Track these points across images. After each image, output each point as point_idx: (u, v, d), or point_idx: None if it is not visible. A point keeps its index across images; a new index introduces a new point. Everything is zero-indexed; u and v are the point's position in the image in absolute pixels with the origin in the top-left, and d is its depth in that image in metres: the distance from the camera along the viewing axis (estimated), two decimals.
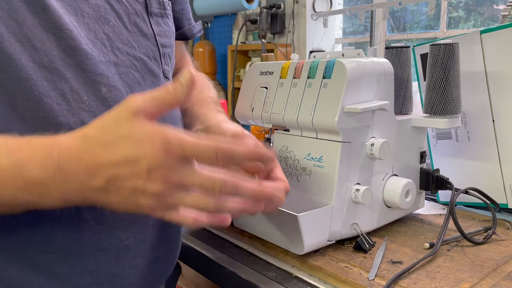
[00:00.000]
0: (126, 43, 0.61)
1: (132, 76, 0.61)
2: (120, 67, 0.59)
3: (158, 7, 0.67)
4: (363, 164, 0.73)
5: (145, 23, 0.64)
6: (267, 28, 1.95)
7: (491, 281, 0.62)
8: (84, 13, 0.56)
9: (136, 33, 0.62)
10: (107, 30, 0.58)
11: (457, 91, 0.79)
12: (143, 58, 0.63)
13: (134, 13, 0.62)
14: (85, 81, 0.55)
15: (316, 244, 0.70)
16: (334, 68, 0.71)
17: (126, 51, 0.60)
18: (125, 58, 0.60)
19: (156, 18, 0.66)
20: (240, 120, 0.89)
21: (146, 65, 0.63)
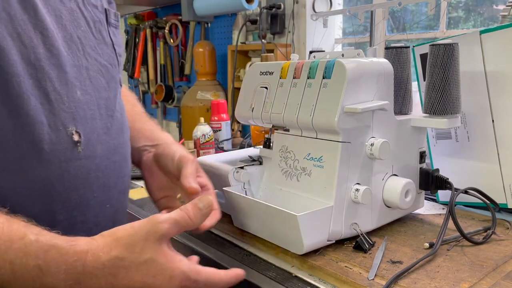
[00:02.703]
0: (93, 49, 0.62)
1: (100, 82, 0.62)
2: (90, 71, 0.60)
3: (114, 18, 0.68)
4: (363, 164, 0.73)
5: (106, 32, 0.65)
6: (267, 28, 1.94)
7: (490, 281, 0.62)
8: (62, 15, 0.57)
9: (100, 40, 0.64)
10: (79, 34, 0.59)
11: (457, 91, 0.79)
12: (106, 64, 0.64)
13: (98, 21, 0.64)
14: (66, 82, 0.55)
15: (316, 244, 0.70)
16: (334, 68, 0.71)
17: (94, 57, 0.62)
18: (94, 63, 0.61)
19: (112, 29, 0.67)
20: (240, 120, 0.89)
21: (109, 72, 0.64)
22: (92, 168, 0.58)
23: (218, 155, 0.95)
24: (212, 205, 0.56)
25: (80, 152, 0.56)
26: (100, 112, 0.61)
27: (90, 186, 0.58)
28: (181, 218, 0.52)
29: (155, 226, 0.50)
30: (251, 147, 1.09)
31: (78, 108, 0.57)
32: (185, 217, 0.52)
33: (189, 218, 0.52)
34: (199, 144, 1.54)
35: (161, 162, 0.75)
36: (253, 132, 1.53)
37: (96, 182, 0.59)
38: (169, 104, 2.65)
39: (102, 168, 0.60)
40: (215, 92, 2.15)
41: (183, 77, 2.61)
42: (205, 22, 2.35)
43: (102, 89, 0.62)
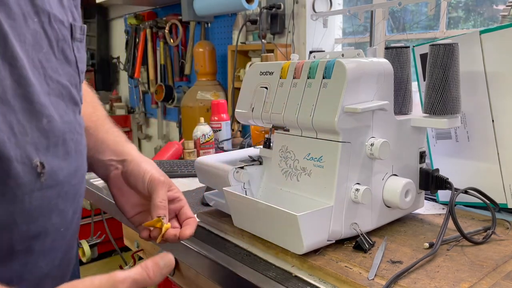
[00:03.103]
0: (55, 71, 0.59)
1: (60, 105, 0.60)
2: (51, 96, 0.58)
3: (80, 33, 0.66)
4: (363, 164, 0.73)
5: (69, 49, 0.63)
6: (267, 28, 1.94)
7: (490, 280, 0.62)
8: (26, 40, 0.55)
9: (62, 60, 0.61)
10: (40, 57, 0.57)
11: (457, 91, 0.79)
12: (68, 86, 0.62)
13: (62, 39, 0.61)
14: (30, 113, 0.54)
15: (316, 244, 0.70)
16: (334, 68, 0.71)
17: (56, 79, 0.59)
18: (55, 86, 0.59)
19: (77, 44, 0.65)
20: (240, 120, 0.89)
21: (70, 93, 0.62)
22: (53, 196, 0.58)
23: (218, 155, 0.95)
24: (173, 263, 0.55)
25: (43, 183, 0.55)
26: (62, 138, 0.60)
27: (49, 214, 0.58)
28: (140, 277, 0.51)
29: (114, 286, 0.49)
30: (251, 147, 1.09)
31: (41, 137, 0.55)
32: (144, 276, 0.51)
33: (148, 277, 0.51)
34: (199, 144, 1.54)
35: (131, 182, 0.75)
36: (253, 132, 1.53)
37: (55, 209, 0.59)
38: (169, 104, 2.66)
39: (62, 194, 0.60)
40: (215, 92, 2.15)
41: (183, 77, 2.61)
42: (205, 22, 2.35)
43: (63, 113, 0.60)
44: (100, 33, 3.48)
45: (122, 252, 1.57)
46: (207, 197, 0.93)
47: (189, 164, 1.39)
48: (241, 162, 0.85)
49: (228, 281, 0.74)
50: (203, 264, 0.79)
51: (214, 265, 0.76)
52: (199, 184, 1.05)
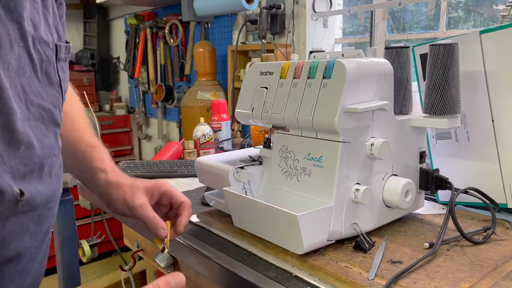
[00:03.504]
0: (37, 94, 0.58)
1: (39, 129, 0.59)
2: (31, 121, 0.57)
3: (65, 52, 0.65)
4: (363, 164, 0.73)
5: (54, 70, 0.62)
6: (267, 28, 1.94)
7: (490, 280, 0.62)
8: (10, 66, 0.54)
9: (45, 82, 0.60)
10: (23, 82, 0.56)
11: (457, 91, 0.79)
12: (50, 108, 0.61)
13: (47, 61, 0.60)
14: (9, 141, 0.53)
15: (316, 244, 0.70)
16: (334, 68, 0.71)
17: (37, 102, 0.58)
18: (36, 110, 0.58)
19: (61, 63, 0.64)
20: (240, 120, 0.89)
21: (52, 115, 0.62)
22: (27, 219, 0.58)
23: (218, 155, 0.95)
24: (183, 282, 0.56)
25: (19, 208, 0.55)
26: (40, 163, 0.59)
27: (22, 238, 0.58)
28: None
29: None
30: (251, 147, 1.09)
31: (19, 165, 0.55)
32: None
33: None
34: (199, 144, 1.54)
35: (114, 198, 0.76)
36: (253, 132, 1.53)
37: (27, 232, 0.58)
38: (169, 104, 2.65)
39: (36, 217, 0.59)
40: (215, 92, 2.15)
41: (183, 77, 2.61)
42: (205, 22, 2.35)
43: (43, 138, 0.60)
44: (100, 33, 3.48)
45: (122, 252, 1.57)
46: (207, 197, 0.93)
47: (189, 164, 1.39)
48: (241, 162, 0.85)
49: (228, 281, 0.74)
50: (203, 264, 0.79)
51: (214, 265, 0.76)
52: (199, 184, 1.05)
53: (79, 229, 1.89)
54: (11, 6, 0.53)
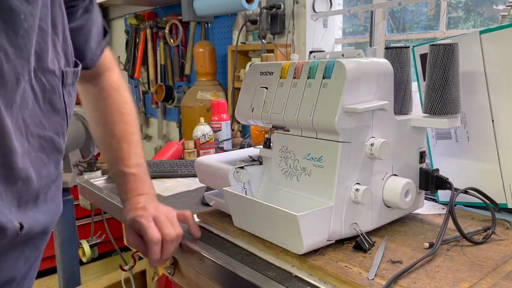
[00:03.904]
0: (38, 125, 0.58)
1: (40, 160, 0.59)
2: (31, 153, 0.57)
3: (72, 77, 0.65)
4: (363, 164, 0.73)
5: (59, 97, 0.61)
6: (267, 28, 1.94)
7: (490, 280, 0.62)
8: (13, 103, 0.53)
9: (49, 110, 0.60)
10: (25, 115, 0.56)
11: (457, 91, 0.79)
12: (52, 136, 0.61)
13: (50, 90, 0.60)
14: (7, 179, 0.54)
15: (316, 244, 0.70)
16: (334, 68, 0.71)
17: (38, 133, 0.58)
18: (36, 141, 0.58)
19: (68, 88, 0.64)
20: (240, 120, 0.89)
21: (53, 143, 0.62)
22: (25, 247, 0.58)
23: (218, 155, 0.95)
24: None
25: (18, 240, 0.56)
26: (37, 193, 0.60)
27: (17, 263, 0.58)
28: None
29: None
30: (251, 147, 1.09)
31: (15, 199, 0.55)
32: None
33: None
34: (199, 144, 1.54)
35: None
36: (253, 132, 1.53)
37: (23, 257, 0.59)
38: (169, 104, 2.65)
39: (32, 244, 0.60)
40: (215, 92, 2.15)
41: (183, 77, 2.61)
42: (205, 22, 2.35)
43: (42, 166, 0.60)
44: None
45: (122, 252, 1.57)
46: (207, 197, 0.93)
47: (189, 164, 1.39)
48: (241, 162, 0.85)
49: (228, 281, 0.74)
50: (203, 264, 0.79)
51: (214, 265, 0.76)
52: (199, 184, 1.05)
53: (79, 229, 1.89)
54: (21, 44, 0.53)
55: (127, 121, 0.86)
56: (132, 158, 0.83)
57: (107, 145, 0.85)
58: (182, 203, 1.08)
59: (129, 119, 0.87)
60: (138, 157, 0.85)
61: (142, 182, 0.83)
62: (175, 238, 0.77)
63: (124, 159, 0.83)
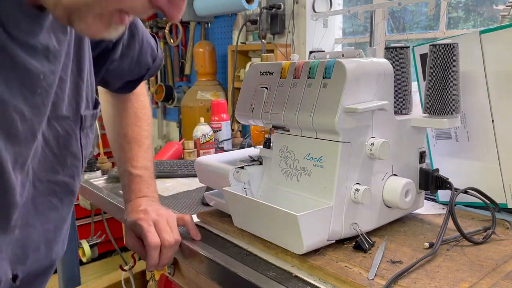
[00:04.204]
0: (49, 170, 0.58)
1: (50, 204, 0.59)
2: (37, 198, 0.57)
3: (91, 120, 0.65)
4: (363, 164, 0.73)
5: (76, 141, 0.61)
6: (267, 28, 1.94)
7: (490, 280, 0.62)
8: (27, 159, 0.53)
9: (64, 155, 0.60)
10: (34, 163, 0.55)
11: (457, 91, 0.79)
12: (66, 181, 0.61)
13: (65, 135, 0.59)
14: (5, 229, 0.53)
15: (316, 244, 0.70)
16: (334, 68, 0.71)
17: (48, 178, 0.58)
18: (44, 186, 0.58)
19: (86, 130, 0.64)
20: (240, 120, 0.89)
21: (67, 187, 0.62)
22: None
23: (218, 155, 0.95)
24: None
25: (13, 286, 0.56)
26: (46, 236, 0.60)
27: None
28: None
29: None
30: (251, 147, 1.09)
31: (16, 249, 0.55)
32: None
33: None
34: (199, 144, 1.54)
35: None
36: (253, 132, 1.53)
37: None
38: (169, 104, 2.65)
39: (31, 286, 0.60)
40: (215, 92, 2.15)
41: (183, 77, 2.61)
42: (205, 22, 2.35)
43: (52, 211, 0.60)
44: None
45: (122, 252, 1.57)
46: (207, 197, 0.93)
47: (189, 164, 1.39)
48: (241, 162, 0.85)
49: (228, 281, 0.74)
50: (203, 264, 0.79)
51: (214, 265, 0.76)
52: (199, 184, 1.05)
53: (79, 229, 1.89)
54: (38, 103, 0.53)
55: (142, 125, 0.88)
56: (140, 160, 0.84)
57: (119, 144, 0.86)
58: (182, 203, 1.08)
59: (144, 124, 0.88)
60: (147, 160, 0.86)
61: (147, 184, 0.84)
62: (174, 244, 0.77)
63: (132, 160, 0.84)
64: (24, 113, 0.51)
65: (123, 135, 0.86)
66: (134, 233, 0.79)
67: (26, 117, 0.51)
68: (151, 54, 0.82)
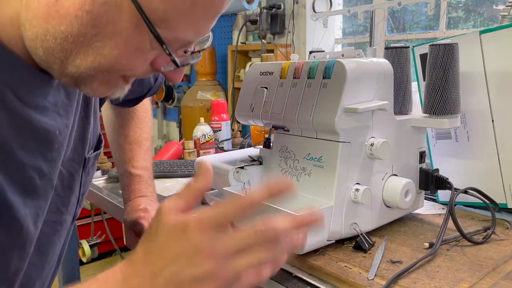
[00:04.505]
0: (54, 212, 0.59)
1: (51, 241, 0.60)
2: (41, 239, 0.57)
3: (93, 160, 0.66)
4: (362, 164, 0.73)
5: (78, 180, 0.62)
6: (267, 28, 1.95)
7: (490, 280, 0.62)
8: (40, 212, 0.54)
9: (68, 195, 0.61)
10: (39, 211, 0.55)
11: (457, 91, 0.79)
12: (67, 218, 0.62)
13: (69, 177, 0.60)
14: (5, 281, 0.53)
15: (315, 244, 0.70)
16: (334, 68, 0.71)
17: (53, 220, 0.59)
18: (50, 227, 0.59)
19: (88, 170, 0.65)
20: (240, 120, 0.89)
21: (67, 225, 0.63)
22: None
23: (218, 155, 0.95)
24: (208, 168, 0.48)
25: None
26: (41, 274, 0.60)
27: None
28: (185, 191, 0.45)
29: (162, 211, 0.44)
30: (251, 147, 1.09)
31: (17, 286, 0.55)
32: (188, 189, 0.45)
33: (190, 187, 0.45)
34: (199, 144, 1.54)
35: None
36: (253, 132, 1.53)
37: None
38: (169, 104, 2.65)
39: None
40: (215, 92, 2.15)
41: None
42: None
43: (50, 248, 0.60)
44: None
45: (122, 252, 1.57)
46: (207, 197, 0.93)
47: (189, 164, 1.39)
48: (241, 162, 0.85)
49: None
50: None
51: None
52: None
53: (79, 229, 1.89)
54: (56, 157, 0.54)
55: (143, 127, 0.89)
56: (140, 161, 0.85)
57: (119, 145, 0.87)
58: None
59: (145, 126, 0.90)
60: (147, 161, 0.87)
61: (146, 184, 0.85)
62: None
63: (132, 160, 0.85)
64: (43, 169, 0.52)
65: (124, 136, 0.87)
66: (134, 232, 0.79)
67: (44, 172, 0.53)
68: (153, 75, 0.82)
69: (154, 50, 0.46)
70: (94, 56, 0.44)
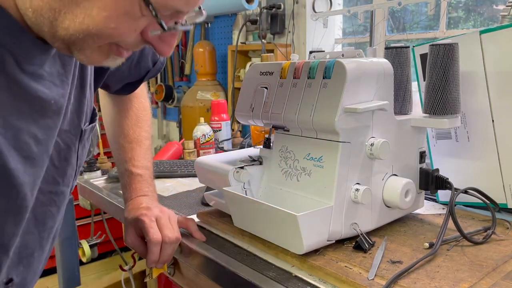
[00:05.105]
0: (50, 182, 0.59)
1: (49, 213, 0.61)
2: (38, 208, 0.58)
3: (89, 132, 0.67)
4: (362, 164, 0.73)
5: (74, 152, 0.63)
6: (267, 28, 1.94)
7: (490, 280, 0.62)
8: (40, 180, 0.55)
9: (64, 166, 0.61)
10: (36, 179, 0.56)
11: (457, 91, 0.79)
12: (64, 190, 0.63)
13: (66, 148, 0.61)
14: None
15: (316, 244, 0.70)
16: (334, 68, 0.71)
17: (49, 190, 0.60)
18: (47, 197, 0.60)
19: (84, 142, 0.66)
20: (240, 120, 0.89)
21: (64, 196, 0.63)
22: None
23: (218, 155, 0.95)
24: None
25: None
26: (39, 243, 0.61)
27: None
28: None
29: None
30: (251, 147, 1.09)
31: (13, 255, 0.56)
32: None
33: None
34: (199, 144, 1.54)
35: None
36: (253, 132, 1.53)
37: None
38: (169, 104, 2.65)
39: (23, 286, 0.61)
40: (215, 92, 2.15)
41: (183, 77, 2.61)
42: (205, 22, 2.35)
43: (49, 218, 0.62)
44: None
45: (122, 252, 1.57)
46: (207, 197, 0.93)
47: (189, 164, 1.39)
48: (241, 162, 0.85)
49: (228, 281, 0.74)
50: (203, 264, 0.79)
51: (214, 265, 0.76)
52: (199, 184, 1.05)
53: (79, 229, 1.89)
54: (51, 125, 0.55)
55: (143, 126, 0.89)
56: (140, 160, 0.86)
57: (119, 144, 0.87)
58: (182, 203, 1.08)
59: (144, 125, 0.90)
60: (147, 161, 0.87)
61: (147, 184, 0.85)
62: (174, 241, 0.77)
63: (133, 160, 0.85)
64: (38, 136, 0.53)
65: (124, 135, 0.87)
66: (135, 230, 0.79)
67: (40, 139, 0.53)
68: (152, 58, 0.82)
69: (144, 17, 0.46)
70: (82, 17, 0.44)
